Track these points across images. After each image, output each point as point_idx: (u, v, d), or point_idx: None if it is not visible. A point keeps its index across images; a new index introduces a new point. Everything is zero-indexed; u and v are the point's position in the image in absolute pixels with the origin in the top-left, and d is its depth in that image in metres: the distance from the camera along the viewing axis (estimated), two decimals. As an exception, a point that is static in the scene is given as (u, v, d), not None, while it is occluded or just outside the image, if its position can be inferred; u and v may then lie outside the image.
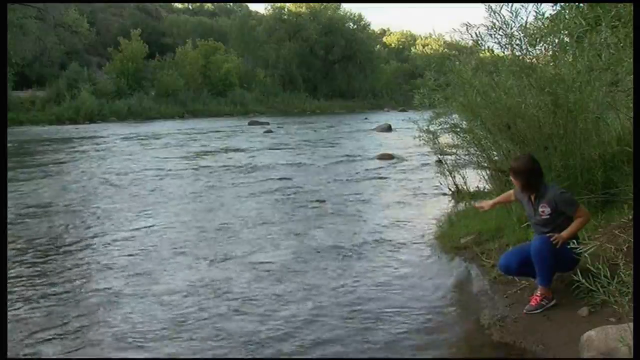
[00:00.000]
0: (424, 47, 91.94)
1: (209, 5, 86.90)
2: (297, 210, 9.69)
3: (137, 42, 52.88)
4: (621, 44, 5.33)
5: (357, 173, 14.18)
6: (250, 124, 36.22)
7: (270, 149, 20.92)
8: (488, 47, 7.32)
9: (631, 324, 3.50)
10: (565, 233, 4.56)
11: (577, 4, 6.52)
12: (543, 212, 4.68)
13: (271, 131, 29.88)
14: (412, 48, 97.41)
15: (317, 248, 7.29)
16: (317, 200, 10.48)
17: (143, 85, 51.80)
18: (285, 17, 72.59)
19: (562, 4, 6.98)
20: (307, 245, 7.47)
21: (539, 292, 4.64)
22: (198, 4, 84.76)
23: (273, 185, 12.28)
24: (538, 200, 4.74)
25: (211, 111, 51.30)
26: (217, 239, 7.78)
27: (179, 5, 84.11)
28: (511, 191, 5.28)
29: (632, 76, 5.25)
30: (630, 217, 5.21)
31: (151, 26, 66.26)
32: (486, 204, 5.64)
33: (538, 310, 4.57)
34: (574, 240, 4.37)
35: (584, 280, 4.32)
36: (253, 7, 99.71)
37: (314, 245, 7.45)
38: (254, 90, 62.03)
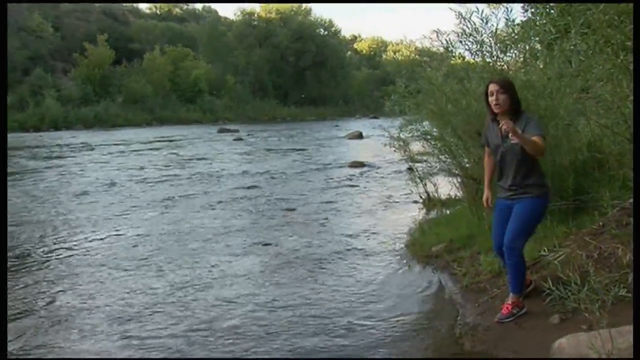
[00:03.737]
0: (395, 54, 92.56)
1: (177, 10, 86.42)
2: (267, 219, 9.63)
3: (103, 48, 52.41)
4: (591, 51, 5.40)
5: (327, 181, 14.16)
6: (219, 131, 36.10)
7: (240, 156, 20.84)
8: (459, 53, 7.37)
9: (602, 331, 3.54)
10: (519, 131, 4.19)
11: (547, 10, 6.60)
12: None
13: (241, 139, 29.79)
14: (383, 54, 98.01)
15: (286, 258, 7.24)
16: (287, 209, 10.44)
17: (110, 91, 51.26)
18: (255, 22, 72.65)
19: (532, 9, 7.07)
20: (275, 255, 7.41)
21: (510, 300, 4.65)
22: (166, 9, 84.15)
23: (242, 194, 12.21)
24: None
25: (180, 118, 51.01)
26: (182, 250, 7.68)
27: (146, 10, 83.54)
28: (487, 159, 4.92)
29: (601, 82, 5.34)
30: (602, 223, 5.28)
31: (118, 31, 65.57)
32: (487, 195, 5.04)
33: (509, 319, 4.58)
34: (545, 248, 4.38)
35: (554, 288, 4.37)
36: (222, 12, 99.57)
37: (283, 255, 7.40)
38: (224, 97, 61.90)
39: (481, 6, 6.45)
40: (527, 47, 6.54)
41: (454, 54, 7.39)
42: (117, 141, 27.90)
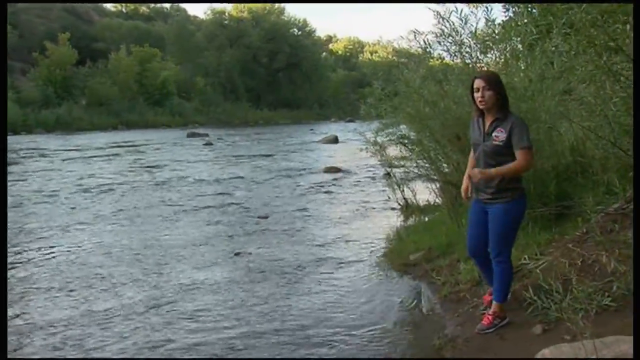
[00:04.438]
0: (371, 55, 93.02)
1: (144, 8, 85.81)
2: (238, 228, 9.57)
3: (65, 47, 51.73)
4: (573, 52, 5.45)
5: (302, 187, 14.14)
6: (189, 135, 35.87)
7: (210, 162, 20.72)
8: (438, 54, 7.41)
9: (586, 342, 3.55)
10: (492, 170, 4.32)
11: (528, 9, 6.67)
12: (497, 137, 4.34)
13: (211, 143, 29.63)
14: (359, 55, 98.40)
15: (259, 268, 7.19)
16: (259, 217, 10.39)
17: (73, 93, 50.59)
18: (226, 22, 72.43)
19: (513, 9, 7.13)
20: (247, 264, 7.36)
21: (491, 310, 4.65)
22: (133, 7, 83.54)
23: (213, 201, 12.13)
24: (497, 123, 4.38)
25: (147, 122, 50.55)
26: (149, 260, 7.59)
27: (112, 8, 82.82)
28: (472, 154, 4.84)
29: (584, 84, 5.39)
30: (585, 230, 5.31)
31: (81, 30, 64.83)
32: (466, 184, 4.96)
33: (490, 330, 4.58)
34: (525, 257, 4.39)
35: (536, 298, 4.39)
36: (192, 11, 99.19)
37: (255, 265, 7.35)
38: (193, 99, 61.55)
39: (460, 6, 6.49)
40: (508, 48, 6.59)
41: (432, 55, 7.43)
42: (79, 146, 27.48)
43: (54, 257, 7.84)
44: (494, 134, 4.36)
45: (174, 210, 11.18)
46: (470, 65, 6.67)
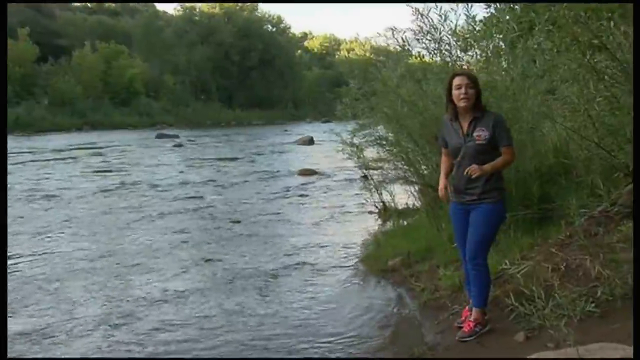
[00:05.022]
0: (348, 53, 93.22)
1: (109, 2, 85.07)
2: (209, 233, 9.52)
3: (25, 43, 51.02)
4: (556, 50, 5.49)
5: (276, 191, 14.11)
6: (158, 137, 35.64)
7: (180, 164, 20.62)
8: (417, 52, 7.42)
9: (569, 350, 3.56)
10: (487, 166, 4.36)
11: (510, 6, 6.71)
12: (479, 136, 4.38)
13: (181, 145, 29.49)
14: (336, 53, 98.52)
15: (231, 274, 7.15)
16: (232, 221, 10.35)
17: (34, 92, 49.84)
18: (197, 18, 72.04)
19: (495, 5, 7.18)
20: (219, 271, 7.32)
21: (472, 317, 4.65)
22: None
23: (182, 206, 12.04)
24: (475, 122, 4.43)
25: (113, 122, 49.97)
26: (109, 271, 7.43)
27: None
28: (444, 158, 4.87)
29: (567, 83, 5.43)
30: (569, 234, 5.35)
31: (42, 25, 63.93)
32: (443, 183, 4.91)
33: (472, 337, 4.57)
34: (506, 262, 4.40)
35: (518, 304, 4.40)
36: (161, 6, 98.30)
37: (228, 271, 7.30)
38: (162, 99, 61.09)
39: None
40: (490, 46, 6.62)
41: (411, 53, 7.44)
42: (35, 149, 26.86)
43: (23, 264, 7.69)
44: (475, 134, 4.40)
45: (138, 216, 11.04)
46: (450, 64, 6.69)
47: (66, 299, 6.35)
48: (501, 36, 6.43)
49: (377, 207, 10.41)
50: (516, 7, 6.64)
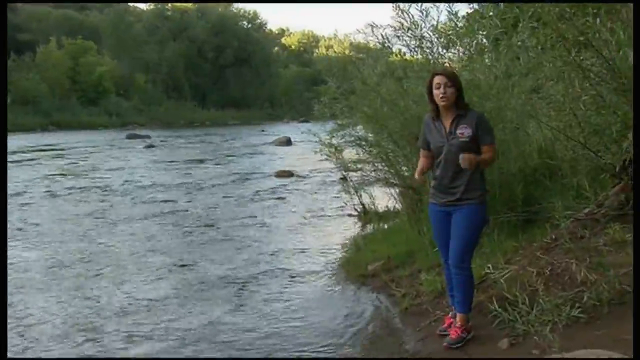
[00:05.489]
0: (327, 50, 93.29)
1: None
2: (182, 237, 9.47)
3: (-15, 38, 50.50)
4: (541, 47, 5.53)
5: (251, 193, 14.08)
6: (128, 137, 35.47)
7: (151, 166, 20.49)
8: (398, 50, 7.44)
9: (554, 356, 3.59)
10: (477, 157, 4.38)
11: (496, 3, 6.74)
12: (462, 133, 4.43)
13: (153, 146, 29.35)
14: (314, 50, 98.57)
15: (205, 281, 7.11)
16: (206, 225, 10.31)
17: (-5, 90, 49.42)
18: (169, 13, 71.69)
19: (480, 3, 7.21)
20: (192, 278, 7.26)
21: (457, 323, 4.65)
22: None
23: (153, 210, 11.96)
24: (458, 120, 4.48)
25: (81, 122, 49.54)
26: (78, 278, 7.33)
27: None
28: (422, 158, 4.86)
29: (552, 81, 5.46)
30: (554, 237, 5.39)
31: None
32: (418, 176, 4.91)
33: (460, 344, 4.56)
34: (489, 266, 4.41)
35: (501, 310, 4.42)
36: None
37: (201, 277, 7.26)
38: (133, 98, 60.72)
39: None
40: (473, 43, 6.65)
41: (391, 51, 7.46)
42: (4, 148, 26.67)
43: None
44: (458, 131, 4.43)
45: (104, 221, 10.91)
46: (432, 62, 6.71)
47: (23, 314, 6.09)
48: (484, 33, 6.46)
49: (356, 210, 10.42)
50: (500, 4, 6.67)
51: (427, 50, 6.76)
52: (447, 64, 6.74)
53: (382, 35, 7.11)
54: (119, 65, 61.92)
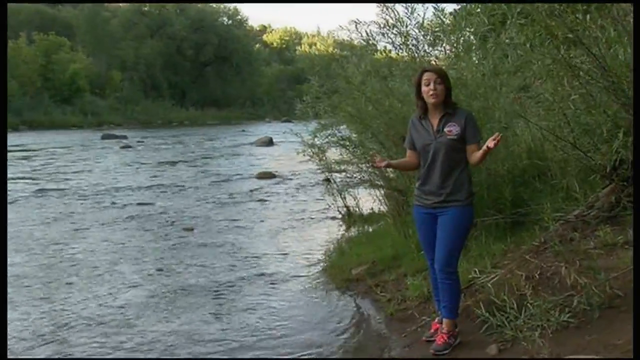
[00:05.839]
0: (310, 47, 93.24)
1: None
2: (160, 241, 9.43)
3: (-49, 33, 50.04)
4: (529, 44, 5.55)
5: (232, 195, 14.06)
6: (104, 137, 35.27)
7: (128, 167, 20.40)
8: (383, 47, 7.44)
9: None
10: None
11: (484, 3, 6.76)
12: (450, 131, 4.45)
13: (130, 146, 29.25)
14: (297, 48, 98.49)
15: (182, 288, 7.07)
16: (184, 229, 10.27)
17: (-40, 88, 48.95)
18: (146, 9, 71.36)
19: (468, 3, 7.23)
20: (168, 285, 7.21)
21: (444, 329, 4.65)
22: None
23: (131, 212, 11.92)
24: (446, 119, 4.50)
25: (55, 122, 49.18)
26: (45, 286, 7.22)
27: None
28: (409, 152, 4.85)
29: (541, 80, 5.48)
30: (543, 239, 5.41)
31: (-26, 15, 62.83)
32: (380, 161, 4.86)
33: (447, 351, 4.56)
34: (475, 270, 4.41)
35: (487, 314, 4.43)
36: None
37: (178, 284, 7.22)
38: (109, 97, 60.35)
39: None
40: (460, 40, 6.67)
41: (376, 48, 7.46)
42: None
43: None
44: (446, 129, 4.45)
45: (76, 225, 10.81)
46: (418, 59, 6.72)
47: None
48: (472, 30, 6.47)
49: (340, 212, 10.42)
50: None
51: (413, 48, 6.76)
52: (433, 62, 6.75)
53: (366, 32, 7.11)
54: (94, 62, 61.50)
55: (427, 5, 6.62)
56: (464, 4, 7.11)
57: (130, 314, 6.25)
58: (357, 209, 10.13)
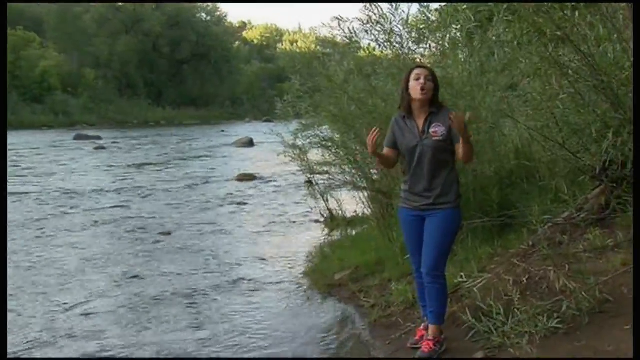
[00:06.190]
0: (291, 45, 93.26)
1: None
2: (135, 246, 9.38)
3: None
4: (517, 42, 5.58)
5: (210, 198, 14.04)
6: (76, 138, 35.09)
7: (102, 169, 20.34)
8: (367, 45, 7.45)
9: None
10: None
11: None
12: (436, 132, 4.44)
13: (104, 147, 29.13)
14: (278, 45, 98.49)
15: (160, 293, 7.04)
16: (161, 233, 10.24)
17: None
18: (121, 4, 70.99)
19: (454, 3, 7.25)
20: (146, 290, 7.19)
21: (430, 335, 4.64)
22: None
23: (105, 216, 11.85)
24: (431, 118, 4.49)
25: (24, 122, 48.77)
26: (16, 293, 7.14)
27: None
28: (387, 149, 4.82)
29: (529, 78, 5.52)
30: (531, 243, 5.44)
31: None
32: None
33: (432, 358, 4.58)
34: (462, 274, 4.41)
35: (475, 321, 4.44)
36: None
37: (156, 289, 7.19)
38: (82, 95, 59.98)
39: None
40: (446, 37, 6.69)
41: (359, 46, 7.46)
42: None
43: None
44: (431, 130, 4.44)
45: (44, 230, 10.71)
46: (402, 57, 6.73)
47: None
48: (458, 27, 6.49)
49: (323, 215, 10.43)
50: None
51: (397, 45, 6.77)
52: (418, 60, 6.76)
53: (349, 29, 7.10)
54: (65, 59, 61.11)
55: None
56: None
57: (103, 323, 6.20)
58: (340, 212, 10.14)
